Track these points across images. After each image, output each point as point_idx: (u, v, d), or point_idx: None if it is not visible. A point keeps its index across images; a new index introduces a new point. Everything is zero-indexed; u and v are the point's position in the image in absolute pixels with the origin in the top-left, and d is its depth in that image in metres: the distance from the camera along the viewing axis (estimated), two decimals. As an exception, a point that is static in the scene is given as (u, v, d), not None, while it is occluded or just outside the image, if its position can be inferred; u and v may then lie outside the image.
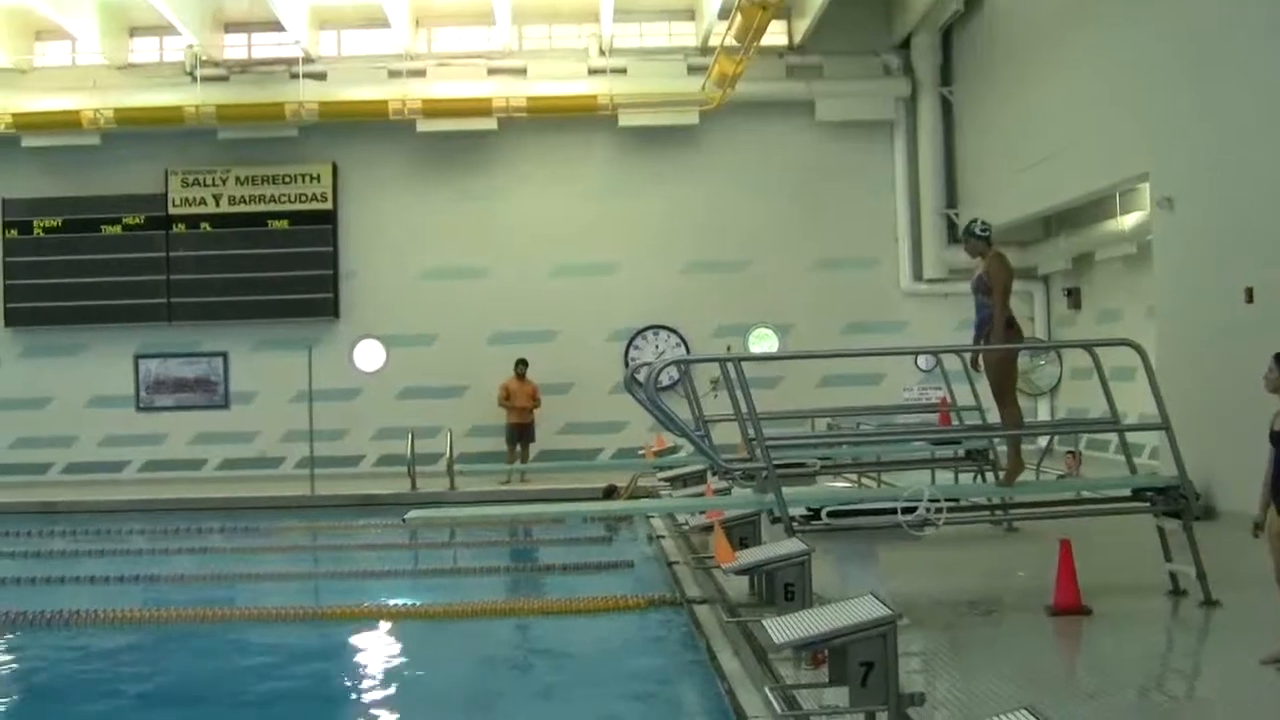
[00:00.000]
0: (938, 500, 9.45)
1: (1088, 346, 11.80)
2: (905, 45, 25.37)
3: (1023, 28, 21.32)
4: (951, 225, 24.92)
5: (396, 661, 11.29)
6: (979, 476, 14.46)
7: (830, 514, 9.59)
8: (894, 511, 9.41)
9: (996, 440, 14.04)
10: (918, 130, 25.29)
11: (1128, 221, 19.91)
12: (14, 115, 24.39)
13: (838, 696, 6.97)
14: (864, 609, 6.77)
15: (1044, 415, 24.62)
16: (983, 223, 12.26)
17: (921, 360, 24.21)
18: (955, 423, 15.74)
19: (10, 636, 12.10)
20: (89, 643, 11.82)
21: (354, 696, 10.03)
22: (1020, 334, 12.73)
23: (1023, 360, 24.49)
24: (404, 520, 11.25)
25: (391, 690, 10.05)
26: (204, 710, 9.84)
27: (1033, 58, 20.71)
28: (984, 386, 15.78)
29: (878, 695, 6.54)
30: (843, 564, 9.64)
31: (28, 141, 25.08)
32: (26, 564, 16.32)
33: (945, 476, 14.97)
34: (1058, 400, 24.85)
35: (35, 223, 25.50)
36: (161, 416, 25.84)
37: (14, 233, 25.50)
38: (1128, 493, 10.53)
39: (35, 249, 25.45)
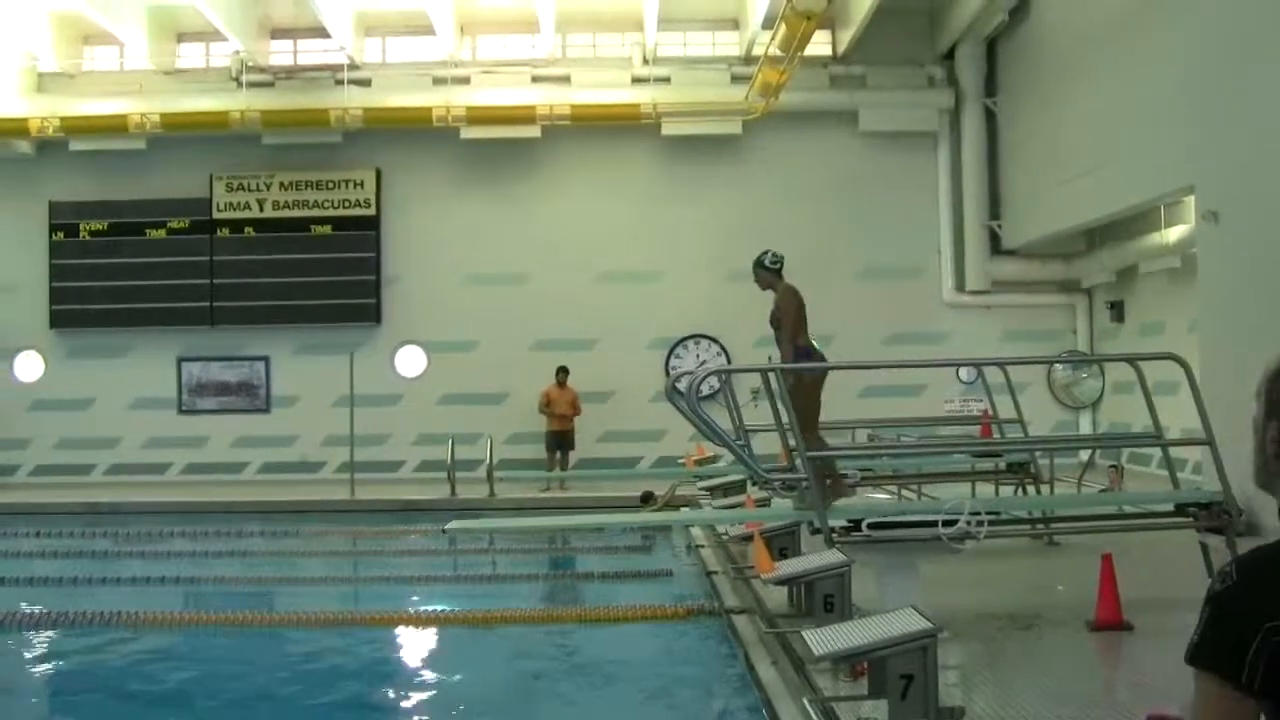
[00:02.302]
0: (979, 513, 9.41)
1: (1131, 360, 11.73)
2: (949, 56, 25.31)
3: (1067, 39, 21.23)
4: (995, 237, 24.88)
5: (434, 667, 11.31)
6: (1020, 490, 14.40)
7: (870, 526, 9.57)
8: (935, 524, 9.38)
9: (1040, 455, 13.99)
10: (961, 141, 25.21)
11: (1172, 235, 19.81)
12: (62, 119, 24.57)
13: (876, 709, 6.96)
14: (904, 621, 6.75)
15: (1085, 429, 24.53)
16: (774, 255, 12.42)
17: (963, 372, 24.12)
18: (997, 435, 15.67)
19: (52, 636, 12.18)
20: (129, 644, 11.88)
21: (391, 702, 10.06)
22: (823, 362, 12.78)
23: (1065, 374, 24.45)
24: (444, 530, 11.32)
25: (428, 696, 10.06)
26: (241, 713, 9.88)
27: (1077, 69, 20.62)
28: (1026, 399, 15.81)
29: (917, 708, 6.53)
30: (882, 576, 9.61)
31: (75, 145, 25.30)
32: (69, 564, 16.40)
33: (986, 489, 14.89)
34: (1100, 414, 24.73)
35: (81, 225, 25.70)
36: (203, 419, 25.99)
37: (60, 235, 25.70)
38: (1170, 508, 10.48)
39: (81, 252, 25.64)
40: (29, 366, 26.14)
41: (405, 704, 9.93)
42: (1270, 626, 2.36)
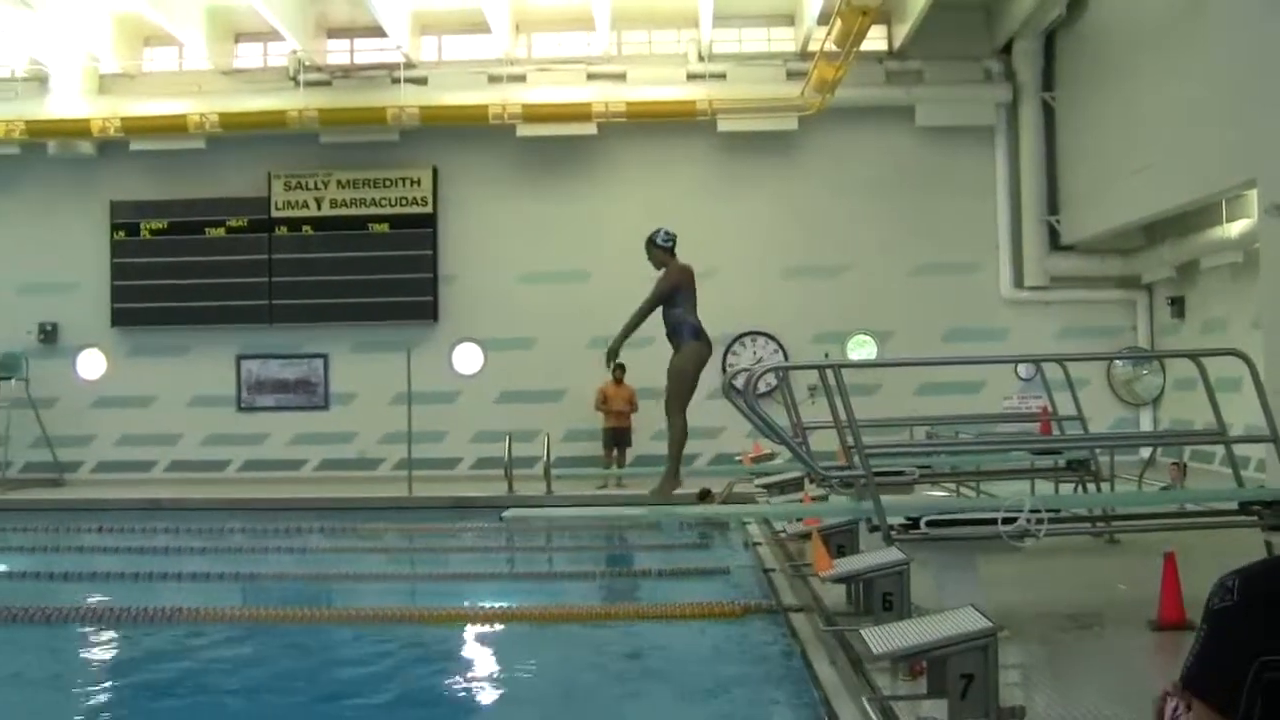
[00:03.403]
0: (1039, 510, 9.32)
1: (1193, 356, 11.60)
2: (1006, 50, 25.13)
3: (1126, 31, 21.03)
4: (1053, 232, 24.69)
5: (490, 664, 11.33)
6: (1080, 487, 14.27)
7: (929, 523, 9.50)
8: (994, 522, 9.29)
9: (1100, 452, 13.87)
10: (1019, 136, 25.04)
11: (1234, 229, 19.60)
12: (122, 119, 24.83)
13: (935, 709, 6.89)
14: (964, 620, 6.70)
15: (1146, 426, 24.32)
16: (665, 233, 12.59)
17: (1022, 369, 23.96)
18: (1056, 432, 15.53)
19: (113, 631, 12.27)
20: (188, 639, 11.95)
21: (447, 699, 10.06)
22: (708, 346, 12.79)
23: (1125, 370, 24.24)
24: (501, 518, 11.37)
25: (485, 693, 10.09)
26: (298, 709, 9.91)
27: (1137, 62, 20.42)
28: (1085, 396, 15.65)
29: (977, 708, 6.46)
30: (941, 574, 9.54)
31: (136, 145, 25.59)
32: (130, 559, 16.51)
33: (1045, 487, 14.76)
34: (1161, 411, 24.51)
35: (142, 225, 25.96)
36: (262, 417, 26.19)
37: (121, 234, 25.97)
38: (1234, 506, 10.33)
39: (141, 250, 25.90)
40: (92, 364, 26.45)
41: (461, 700, 9.94)
42: (1265, 661, 2.18)
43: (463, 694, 10.13)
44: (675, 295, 12.36)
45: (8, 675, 10.88)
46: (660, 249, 12.43)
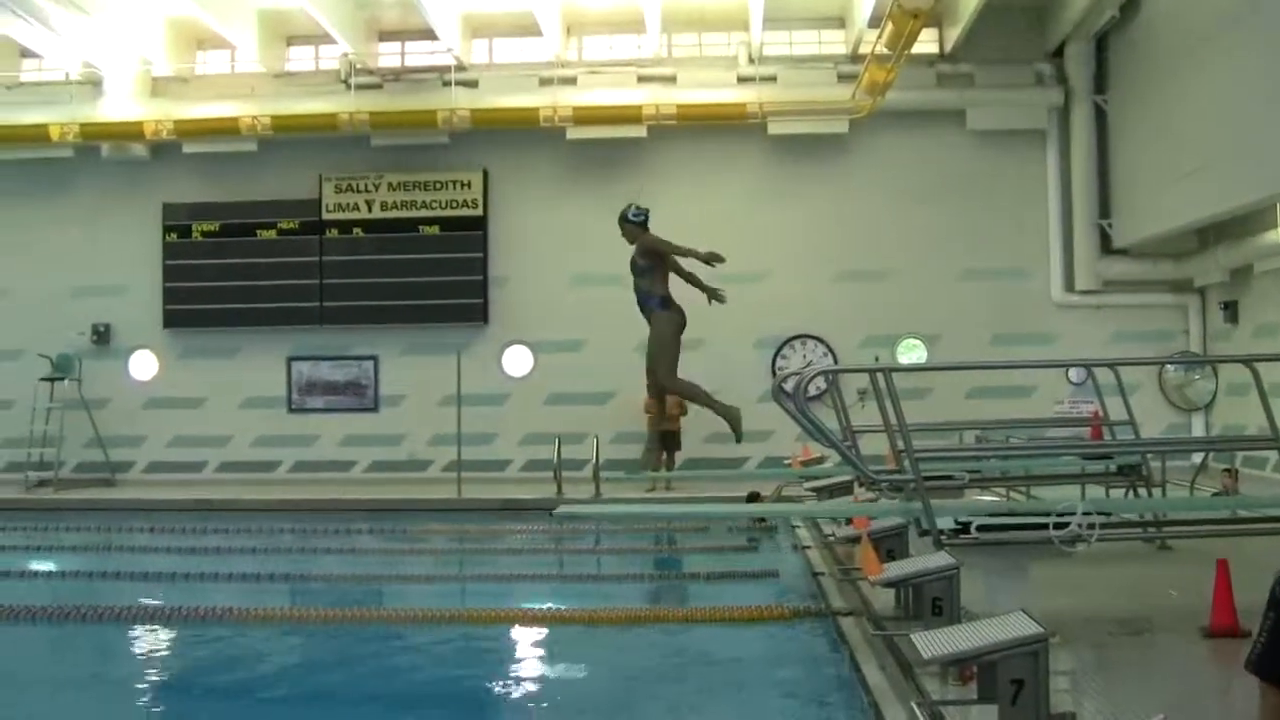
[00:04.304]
0: (1090, 515, 9.26)
1: (1246, 361, 11.50)
2: (1058, 53, 24.96)
3: (1180, 33, 20.84)
4: (1105, 236, 24.51)
5: (539, 666, 11.35)
6: (1131, 492, 14.16)
7: (980, 528, 9.45)
8: (1045, 526, 9.24)
9: (1151, 457, 13.78)
10: (1070, 139, 24.87)
11: (1288, 233, 19.44)
12: (175, 122, 24.99)
13: (985, 714, 6.86)
14: (1014, 625, 6.66)
15: (1198, 431, 24.11)
16: (636, 208, 12.84)
17: (1073, 373, 23.83)
18: (1107, 437, 15.43)
19: (164, 631, 12.36)
20: (238, 640, 12.03)
21: (496, 700, 10.08)
22: (679, 313, 13.17)
23: (1177, 375, 24.05)
24: (551, 514, 11.44)
25: (533, 695, 10.09)
26: (347, 710, 9.96)
27: (1190, 64, 20.24)
28: (1137, 401, 15.54)
29: (1028, 714, 6.42)
30: (991, 579, 9.49)
31: (188, 148, 25.76)
32: (181, 560, 16.65)
33: (1095, 492, 14.66)
34: (1213, 416, 24.30)
35: (194, 227, 26.13)
36: (312, 418, 26.30)
37: (174, 236, 26.14)
38: (1287, 512, 10.26)
39: (193, 252, 26.07)
40: (143, 365, 26.65)
41: (509, 702, 9.95)
42: None
43: (511, 696, 10.14)
44: (646, 267, 12.66)
45: (59, 674, 11.00)
46: (633, 224, 12.64)
